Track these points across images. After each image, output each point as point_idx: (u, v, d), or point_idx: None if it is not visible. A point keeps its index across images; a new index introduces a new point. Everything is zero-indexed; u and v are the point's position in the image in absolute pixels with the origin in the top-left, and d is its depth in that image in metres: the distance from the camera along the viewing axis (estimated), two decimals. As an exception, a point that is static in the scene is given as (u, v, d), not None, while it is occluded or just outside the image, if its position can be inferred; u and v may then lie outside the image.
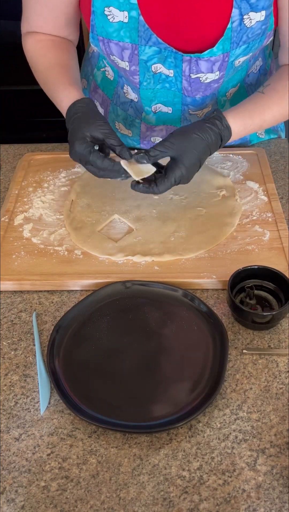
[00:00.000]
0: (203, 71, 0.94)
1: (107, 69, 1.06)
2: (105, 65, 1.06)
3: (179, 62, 0.93)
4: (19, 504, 0.61)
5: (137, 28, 0.89)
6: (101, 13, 0.89)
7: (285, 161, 1.11)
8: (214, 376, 0.71)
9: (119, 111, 1.10)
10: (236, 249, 0.89)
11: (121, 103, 1.08)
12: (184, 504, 0.61)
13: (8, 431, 0.68)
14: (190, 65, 0.93)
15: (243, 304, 0.78)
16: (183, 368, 0.73)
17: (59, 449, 0.66)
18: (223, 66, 0.93)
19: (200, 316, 0.78)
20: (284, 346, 0.76)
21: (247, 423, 0.68)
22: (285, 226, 0.92)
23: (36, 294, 0.85)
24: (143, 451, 0.65)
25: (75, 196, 1.00)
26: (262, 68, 1.08)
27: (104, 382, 0.71)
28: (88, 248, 0.89)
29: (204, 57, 0.91)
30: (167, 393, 0.70)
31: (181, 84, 0.98)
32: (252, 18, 0.88)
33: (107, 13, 0.88)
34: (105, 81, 1.09)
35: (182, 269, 0.86)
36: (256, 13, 0.88)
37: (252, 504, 0.60)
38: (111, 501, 0.61)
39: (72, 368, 0.73)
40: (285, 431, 0.67)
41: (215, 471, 0.63)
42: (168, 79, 0.98)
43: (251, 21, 0.88)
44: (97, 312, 0.80)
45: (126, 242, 0.90)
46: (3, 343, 0.78)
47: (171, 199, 0.98)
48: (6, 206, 0.99)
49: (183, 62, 0.93)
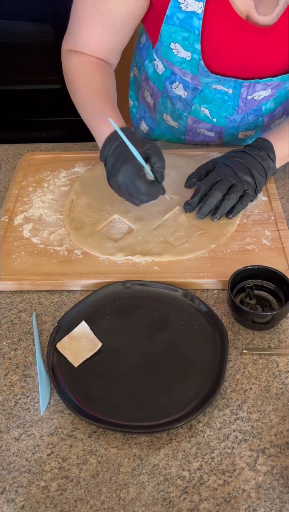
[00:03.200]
0: (258, 90, 0.98)
1: (156, 63, 1.07)
2: (156, 59, 1.06)
3: (238, 86, 0.97)
4: (19, 504, 0.61)
5: (198, 67, 0.93)
6: (168, 46, 0.93)
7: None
8: (214, 376, 0.71)
9: (168, 104, 1.12)
10: (236, 249, 0.89)
11: (171, 97, 1.10)
12: (184, 504, 0.61)
13: (8, 431, 0.68)
14: (248, 89, 0.98)
15: (243, 304, 0.78)
16: (183, 368, 0.72)
17: (59, 449, 0.66)
18: (277, 88, 0.98)
19: (200, 316, 0.78)
20: (284, 346, 0.76)
21: (247, 423, 0.68)
22: (285, 226, 0.92)
23: (36, 294, 0.85)
24: (144, 451, 0.65)
25: (75, 196, 1.00)
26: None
27: (104, 382, 0.71)
28: (88, 248, 0.89)
29: (262, 82, 0.95)
30: (167, 393, 0.70)
31: (237, 102, 1.02)
32: None
33: (172, 47, 0.92)
34: (155, 74, 1.10)
35: (182, 269, 0.86)
36: None
37: (252, 504, 0.60)
38: (111, 501, 0.61)
39: (72, 368, 0.73)
40: (285, 431, 0.67)
41: (215, 471, 0.63)
42: (227, 94, 1.01)
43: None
44: (97, 312, 0.80)
45: (126, 242, 0.90)
46: (3, 343, 0.78)
47: (171, 198, 0.98)
48: (6, 206, 0.99)
49: (242, 87, 0.97)
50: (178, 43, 0.91)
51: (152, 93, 1.14)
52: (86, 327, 0.77)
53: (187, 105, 1.08)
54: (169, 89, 1.08)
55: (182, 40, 0.90)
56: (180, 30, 0.89)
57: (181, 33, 0.89)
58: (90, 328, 0.77)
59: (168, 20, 0.88)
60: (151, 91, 1.14)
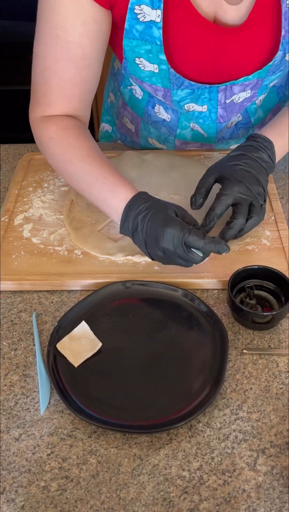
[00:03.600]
0: (236, 92, 0.93)
1: (134, 88, 1.03)
2: (132, 83, 1.02)
3: (214, 94, 0.92)
4: (19, 504, 0.61)
5: (169, 77, 0.87)
6: (133, 61, 0.87)
7: (285, 161, 1.11)
8: (214, 376, 0.71)
9: (151, 129, 1.08)
10: (236, 249, 0.88)
11: (153, 122, 1.05)
12: (184, 504, 0.61)
13: (8, 431, 0.68)
14: (225, 93, 0.92)
15: (243, 304, 0.78)
16: (183, 368, 0.72)
17: (59, 449, 0.66)
18: (256, 87, 0.93)
19: (200, 316, 0.78)
20: (284, 346, 0.76)
21: (247, 423, 0.68)
22: (285, 226, 0.92)
23: (36, 294, 0.85)
24: (144, 451, 0.65)
25: (75, 196, 1.00)
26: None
27: (104, 382, 0.71)
28: (88, 248, 0.89)
29: (238, 83, 0.90)
30: (167, 393, 0.70)
31: (215, 114, 0.97)
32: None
33: (138, 62, 0.87)
34: (134, 99, 1.05)
35: (182, 269, 0.85)
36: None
37: (252, 504, 0.60)
38: (111, 501, 0.61)
39: (72, 368, 0.73)
40: (285, 431, 0.67)
41: (215, 471, 0.63)
42: (201, 115, 0.97)
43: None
44: (97, 312, 0.80)
45: (126, 242, 0.90)
46: (3, 343, 0.78)
47: (170, 199, 0.98)
48: (6, 206, 0.99)
49: (218, 93, 0.92)
50: (142, 57, 0.85)
51: (132, 119, 1.10)
52: (86, 327, 0.77)
53: (171, 130, 1.05)
54: (152, 114, 1.03)
55: (145, 54, 0.84)
56: (141, 43, 0.83)
57: (143, 47, 0.83)
58: (90, 328, 0.77)
59: (127, 34, 0.82)
60: (131, 117, 1.10)
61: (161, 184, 1.01)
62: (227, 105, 0.95)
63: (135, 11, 0.80)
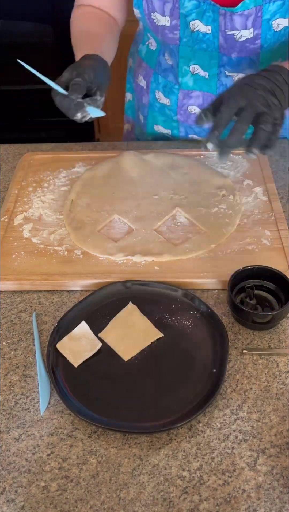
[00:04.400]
0: (237, 27, 0.94)
1: (150, 41, 1.11)
2: (149, 37, 1.10)
3: (216, 16, 0.94)
4: (19, 504, 0.61)
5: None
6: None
7: (285, 161, 1.11)
8: (214, 376, 0.71)
9: (160, 79, 1.13)
10: (236, 249, 0.89)
11: (163, 70, 1.11)
12: (184, 504, 0.61)
13: (8, 431, 0.68)
14: (225, 19, 0.94)
15: (243, 304, 0.78)
16: (183, 368, 0.72)
17: (59, 449, 0.66)
18: (257, 23, 0.92)
19: (200, 316, 0.78)
20: (284, 346, 0.76)
21: (247, 423, 0.68)
22: (285, 226, 0.92)
23: (36, 294, 0.85)
24: (144, 451, 0.65)
25: (75, 196, 1.00)
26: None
27: (104, 382, 0.71)
28: (88, 248, 0.89)
29: (238, 11, 0.91)
30: (167, 393, 0.70)
31: (218, 41, 0.98)
32: None
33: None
34: (149, 53, 1.13)
35: (182, 269, 0.86)
36: None
37: (252, 504, 0.60)
38: (111, 501, 0.61)
39: (72, 368, 0.73)
40: (285, 431, 0.67)
41: (215, 471, 0.63)
42: (206, 37, 0.98)
43: None
44: (97, 312, 0.80)
45: (126, 242, 0.90)
46: (3, 343, 0.78)
47: (170, 198, 0.98)
48: (6, 206, 0.99)
49: (219, 16, 0.94)
50: None
51: (145, 74, 1.17)
52: (86, 327, 0.77)
53: (176, 77, 1.09)
54: (163, 62, 1.10)
55: None
56: None
57: None
58: (90, 328, 0.77)
59: None
60: (144, 73, 1.17)
61: (161, 184, 1.01)
62: (228, 36, 0.95)
63: None
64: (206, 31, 0.97)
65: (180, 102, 1.12)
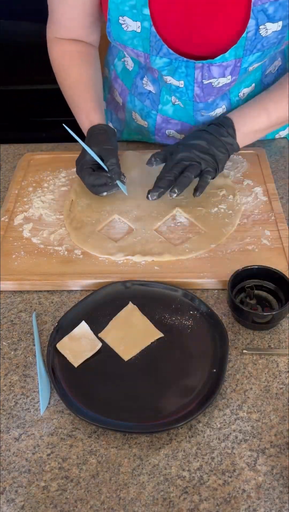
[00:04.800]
0: (215, 76, 0.94)
1: (127, 60, 1.08)
2: (125, 55, 1.08)
3: (191, 70, 0.94)
4: (19, 504, 0.61)
5: (149, 38, 0.90)
6: (116, 22, 0.90)
7: (285, 161, 1.11)
8: (214, 376, 0.71)
9: (136, 102, 1.11)
10: (236, 249, 0.89)
11: (139, 93, 1.09)
12: (184, 504, 0.61)
13: (8, 431, 0.68)
14: (202, 71, 0.93)
15: (243, 304, 0.78)
16: (183, 368, 0.72)
17: (59, 449, 0.66)
18: (235, 71, 0.93)
19: (200, 316, 0.78)
20: (284, 346, 0.76)
21: (247, 423, 0.68)
22: (285, 226, 0.92)
23: (36, 294, 0.85)
24: (143, 451, 0.65)
25: (75, 196, 1.00)
26: (281, 68, 1.07)
27: (104, 382, 0.71)
28: (88, 248, 0.89)
29: (216, 63, 0.91)
30: (167, 393, 0.70)
31: (192, 92, 0.99)
32: (268, 28, 0.87)
33: (121, 22, 0.89)
34: (125, 71, 1.10)
35: (182, 269, 0.86)
36: (272, 24, 0.86)
37: (252, 504, 0.60)
38: (111, 501, 0.61)
39: (72, 368, 0.73)
40: (285, 431, 0.67)
41: (215, 471, 0.63)
42: (178, 89, 0.99)
43: (267, 31, 0.87)
44: (97, 312, 0.80)
45: (126, 242, 0.90)
46: (3, 343, 0.78)
47: (171, 198, 0.98)
48: (6, 206, 0.99)
49: (195, 69, 0.93)
50: (125, 16, 0.88)
51: (121, 91, 1.15)
52: (86, 327, 0.77)
53: (154, 103, 1.08)
54: (140, 85, 1.08)
55: (129, 10, 0.87)
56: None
57: (128, 2, 0.86)
58: (90, 328, 0.77)
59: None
60: (120, 90, 1.15)
61: (161, 184, 1.01)
62: (205, 85, 0.96)
63: None
64: (178, 85, 0.98)
65: (158, 125, 1.12)
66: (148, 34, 0.89)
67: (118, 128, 1.21)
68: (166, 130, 1.12)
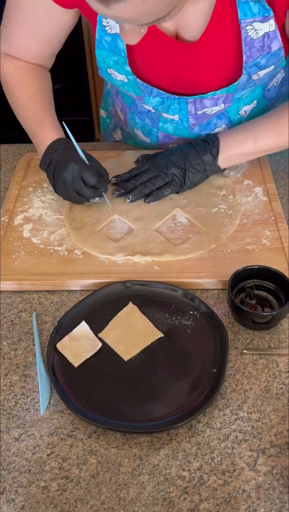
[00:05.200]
0: (208, 106, 0.96)
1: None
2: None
3: (184, 105, 0.96)
4: (19, 504, 0.61)
5: (138, 86, 0.92)
6: (105, 71, 0.93)
7: (285, 161, 1.11)
8: (214, 376, 0.71)
9: (136, 119, 1.10)
10: (236, 249, 0.89)
11: (139, 112, 1.08)
12: (184, 504, 0.61)
13: (8, 431, 0.68)
14: (194, 105, 0.95)
15: (243, 304, 0.78)
16: (183, 368, 0.72)
17: (59, 449, 0.66)
18: (228, 99, 0.95)
19: (200, 316, 0.78)
20: (284, 346, 0.76)
21: (247, 423, 0.68)
22: (285, 226, 0.92)
23: (36, 294, 0.85)
24: (144, 451, 0.65)
25: (75, 196, 1.00)
26: (284, 79, 1.05)
27: (104, 382, 0.71)
28: (88, 248, 0.89)
29: (208, 97, 0.93)
30: (167, 393, 0.70)
31: (187, 123, 1.00)
32: (260, 74, 0.89)
33: (110, 72, 0.92)
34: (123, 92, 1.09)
35: (182, 269, 0.86)
36: (264, 70, 0.88)
37: (252, 504, 0.60)
38: (111, 501, 0.61)
39: (72, 368, 0.73)
40: (285, 431, 0.67)
41: (215, 471, 0.63)
42: (174, 121, 1.01)
43: (259, 75, 0.89)
44: (97, 312, 0.80)
45: (126, 242, 0.90)
46: (3, 343, 0.78)
47: (171, 198, 0.98)
48: (6, 206, 0.99)
49: (188, 104, 0.95)
50: (112, 68, 0.91)
51: (121, 108, 1.14)
52: (86, 327, 0.77)
53: (154, 122, 1.07)
54: (138, 104, 1.06)
55: (113, 65, 0.90)
56: (110, 54, 0.88)
57: (112, 57, 0.88)
58: (90, 328, 0.77)
59: (98, 44, 0.88)
60: (121, 106, 1.14)
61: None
62: (199, 115, 0.98)
63: (103, 23, 0.85)
64: (173, 118, 1.00)
65: (160, 141, 1.12)
66: (135, 83, 0.91)
67: (127, 137, 1.21)
68: (169, 145, 1.12)
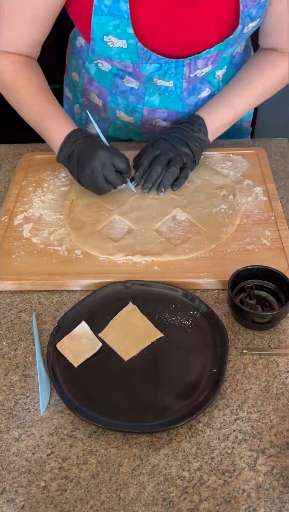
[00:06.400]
0: (200, 67, 0.98)
1: (100, 61, 1.06)
2: (98, 57, 1.04)
3: (180, 68, 0.97)
4: (19, 504, 0.61)
5: (137, 51, 0.92)
6: (101, 40, 0.91)
7: (285, 161, 1.11)
8: (214, 376, 0.71)
9: (119, 100, 1.10)
10: (236, 249, 0.89)
11: (121, 92, 1.08)
12: (184, 504, 0.61)
13: (8, 431, 0.68)
14: (189, 67, 0.97)
15: (243, 304, 0.78)
16: (183, 368, 0.72)
17: (59, 449, 0.66)
18: (216, 60, 0.98)
19: (200, 316, 0.78)
20: (284, 346, 0.76)
21: (247, 423, 0.68)
22: (285, 226, 0.92)
23: (36, 294, 0.85)
24: (144, 451, 0.65)
25: (75, 196, 1.00)
26: (246, 47, 1.14)
27: (104, 382, 0.71)
28: (88, 248, 0.89)
29: (202, 56, 0.95)
30: (167, 393, 0.70)
31: (180, 89, 1.02)
32: (250, 26, 0.94)
33: (106, 40, 0.91)
34: (100, 73, 1.08)
35: (182, 269, 0.86)
36: (253, 22, 0.93)
37: (252, 504, 0.60)
38: (111, 501, 0.61)
39: (72, 368, 0.73)
40: (285, 431, 0.67)
41: (215, 471, 0.63)
42: (168, 89, 1.02)
43: (248, 28, 0.94)
44: (97, 312, 0.80)
45: (126, 242, 0.90)
46: (3, 343, 0.78)
47: (171, 198, 0.98)
48: (6, 206, 0.99)
49: (184, 66, 0.97)
50: (110, 35, 0.89)
51: (99, 93, 1.12)
52: (86, 327, 0.77)
53: (140, 98, 1.07)
54: (120, 84, 1.06)
55: (113, 30, 0.88)
56: (109, 19, 0.87)
57: (111, 22, 0.87)
58: (90, 328, 0.77)
59: (96, 10, 0.87)
60: (98, 92, 1.12)
61: (161, 184, 1.01)
62: (191, 78, 1.01)
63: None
64: (168, 85, 1.01)
65: (144, 118, 1.12)
66: (135, 48, 0.91)
67: (104, 126, 1.19)
68: (153, 120, 1.12)
